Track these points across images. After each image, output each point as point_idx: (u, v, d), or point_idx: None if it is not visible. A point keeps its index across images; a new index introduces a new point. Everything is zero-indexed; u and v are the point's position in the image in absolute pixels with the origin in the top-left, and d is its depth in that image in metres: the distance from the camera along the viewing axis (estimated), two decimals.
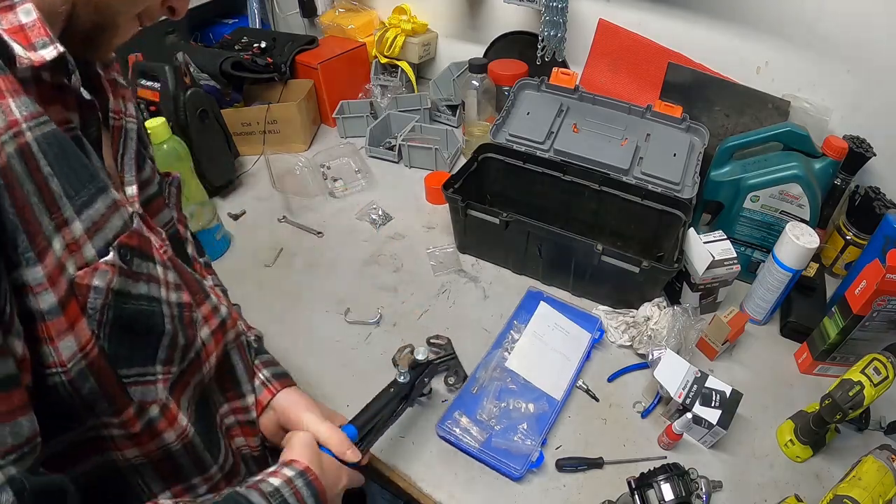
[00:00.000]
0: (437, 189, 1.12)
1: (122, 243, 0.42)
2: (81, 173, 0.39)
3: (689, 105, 1.06)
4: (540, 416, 0.78)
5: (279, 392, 0.64)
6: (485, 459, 0.73)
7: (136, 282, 0.43)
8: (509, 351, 0.85)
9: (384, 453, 0.76)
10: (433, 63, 1.56)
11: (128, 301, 0.42)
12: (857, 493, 0.62)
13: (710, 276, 0.88)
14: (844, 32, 0.93)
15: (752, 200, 0.93)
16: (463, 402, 0.77)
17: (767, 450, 0.77)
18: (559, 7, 1.12)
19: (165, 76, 1.09)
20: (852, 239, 0.96)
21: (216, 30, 1.61)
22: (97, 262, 0.39)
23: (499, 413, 0.77)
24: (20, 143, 0.35)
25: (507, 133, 1.10)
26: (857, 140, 0.94)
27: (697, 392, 0.76)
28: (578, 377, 0.84)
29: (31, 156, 0.35)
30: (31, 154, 0.35)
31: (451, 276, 1.03)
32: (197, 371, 0.54)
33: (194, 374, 0.54)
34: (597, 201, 1.04)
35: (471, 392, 0.78)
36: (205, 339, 0.54)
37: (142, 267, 0.44)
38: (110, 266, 0.40)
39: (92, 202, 0.40)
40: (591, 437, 0.78)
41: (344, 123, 1.39)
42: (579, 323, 0.91)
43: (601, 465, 0.74)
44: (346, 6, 1.50)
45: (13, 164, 0.34)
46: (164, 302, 0.47)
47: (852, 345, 0.81)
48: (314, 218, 1.17)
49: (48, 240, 0.36)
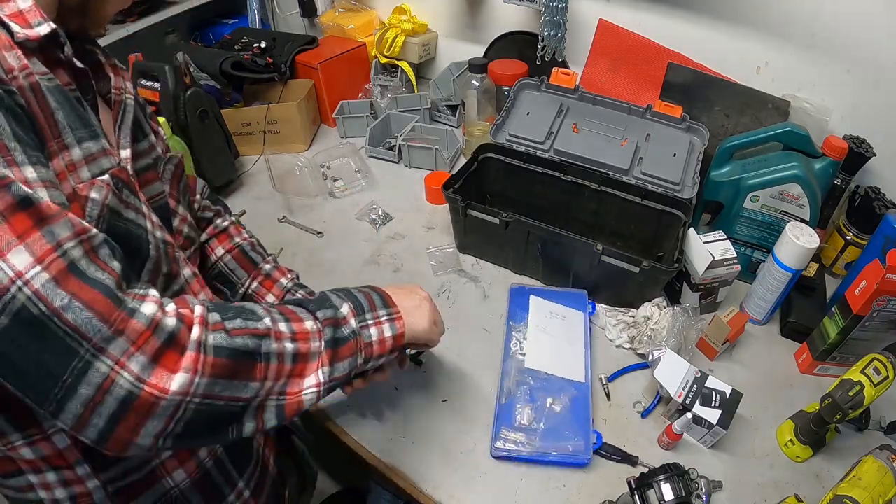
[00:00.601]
0: (437, 189, 1.12)
1: (114, 174, 0.48)
2: (80, 118, 0.46)
3: (689, 105, 1.06)
4: (574, 401, 0.79)
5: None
6: (547, 460, 0.73)
7: (126, 207, 0.49)
8: (523, 352, 0.85)
9: (384, 453, 0.76)
10: (433, 63, 1.56)
11: (119, 219, 0.48)
12: (857, 493, 0.62)
13: (710, 276, 0.88)
14: (844, 32, 0.93)
15: (752, 200, 0.93)
16: (501, 418, 0.77)
17: (767, 450, 0.77)
18: (559, 7, 1.12)
19: (165, 76, 1.09)
20: (852, 239, 0.96)
21: (216, 30, 1.61)
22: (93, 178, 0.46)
23: (536, 413, 0.78)
24: (32, 81, 0.43)
25: (507, 133, 1.10)
26: (857, 140, 0.94)
27: (697, 392, 0.76)
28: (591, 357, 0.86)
29: (41, 91, 0.43)
30: (40, 89, 0.43)
31: (451, 276, 1.03)
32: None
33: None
34: (597, 201, 1.04)
35: (502, 404, 0.79)
36: (187, 277, 0.60)
37: (130, 198, 0.50)
38: (105, 184, 0.46)
39: (89, 138, 0.47)
40: None
41: (344, 123, 1.39)
42: (570, 304, 0.93)
43: (635, 464, 0.74)
44: (346, 6, 1.50)
45: (27, 93, 0.42)
46: (150, 232, 0.52)
47: (852, 345, 0.81)
48: (314, 218, 1.17)
49: (56, 148, 0.44)
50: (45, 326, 0.37)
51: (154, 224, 0.53)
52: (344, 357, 0.54)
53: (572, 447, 0.74)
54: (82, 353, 0.38)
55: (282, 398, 0.49)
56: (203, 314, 0.45)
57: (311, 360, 0.51)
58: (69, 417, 0.39)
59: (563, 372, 0.83)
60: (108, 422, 0.39)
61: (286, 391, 0.50)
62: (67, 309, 0.37)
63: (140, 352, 0.40)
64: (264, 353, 0.47)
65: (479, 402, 0.81)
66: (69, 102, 0.46)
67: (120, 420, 0.40)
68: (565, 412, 0.78)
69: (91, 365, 0.38)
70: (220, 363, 0.43)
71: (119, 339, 0.39)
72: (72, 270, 0.38)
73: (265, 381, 0.47)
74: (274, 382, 0.48)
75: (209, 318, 0.45)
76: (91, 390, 0.38)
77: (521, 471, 0.74)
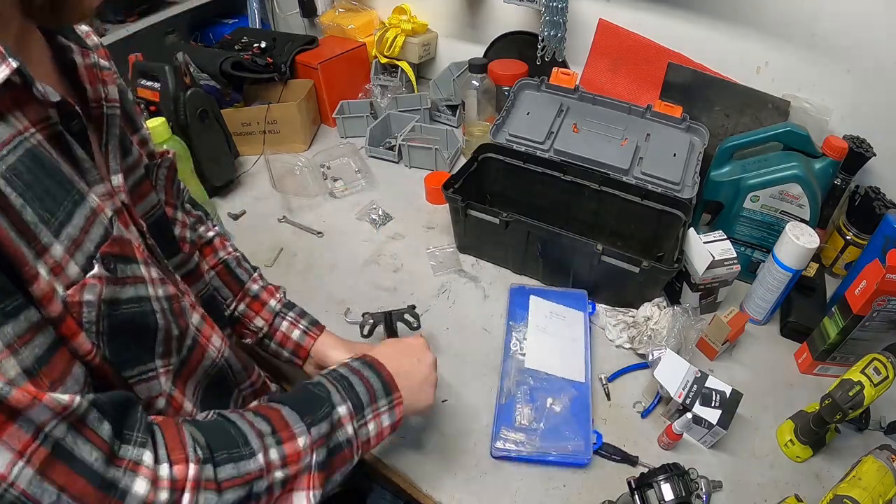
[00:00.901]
0: (437, 189, 1.12)
1: (105, 253, 0.42)
2: (56, 191, 0.40)
3: (689, 105, 1.06)
4: (574, 401, 0.79)
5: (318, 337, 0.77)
6: (547, 460, 0.73)
7: (123, 286, 0.44)
8: (523, 352, 0.85)
9: (384, 453, 0.76)
10: (433, 63, 1.56)
11: (119, 307, 0.44)
12: (857, 493, 0.62)
13: (710, 276, 0.88)
14: (844, 32, 0.93)
15: (752, 200, 0.93)
16: (501, 418, 0.77)
17: (767, 450, 0.77)
18: (559, 7, 1.12)
19: (165, 76, 1.09)
20: (852, 239, 0.96)
21: (216, 30, 1.61)
22: (84, 277, 0.40)
23: (536, 413, 0.78)
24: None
25: (507, 133, 1.10)
26: (857, 140, 0.94)
27: (697, 392, 0.76)
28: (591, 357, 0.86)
29: (1, 194, 0.35)
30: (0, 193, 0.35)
31: (451, 276, 1.03)
32: (201, 356, 0.56)
33: (200, 361, 0.56)
34: (597, 201, 1.04)
35: (502, 404, 0.79)
36: (196, 324, 0.56)
37: (126, 271, 0.45)
38: (97, 279, 0.41)
39: (69, 219, 0.40)
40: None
41: (344, 123, 1.39)
42: (570, 304, 0.93)
43: (635, 464, 0.74)
44: (346, 6, 1.50)
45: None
46: (154, 299, 0.48)
47: (852, 345, 0.81)
48: (314, 218, 1.17)
49: (35, 268, 0.37)
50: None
51: (155, 282, 0.49)
52: (337, 468, 0.54)
53: (572, 447, 0.74)
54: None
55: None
56: (196, 476, 0.43)
57: (301, 475, 0.50)
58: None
59: (563, 372, 0.83)
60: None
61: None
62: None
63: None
64: (255, 494, 0.46)
65: (479, 402, 0.81)
66: (37, 178, 0.38)
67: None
68: (565, 412, 0.78)
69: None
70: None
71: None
72: (56, 454, 0.36)
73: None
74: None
75: (202, 476, 0.44)
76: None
77: (521, 471, 0.73)
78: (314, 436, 0.51)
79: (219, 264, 0.76)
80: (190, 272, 0.65)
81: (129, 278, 0.45)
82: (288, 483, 0.49)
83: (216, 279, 0.75)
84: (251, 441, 0.48)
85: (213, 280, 0.74)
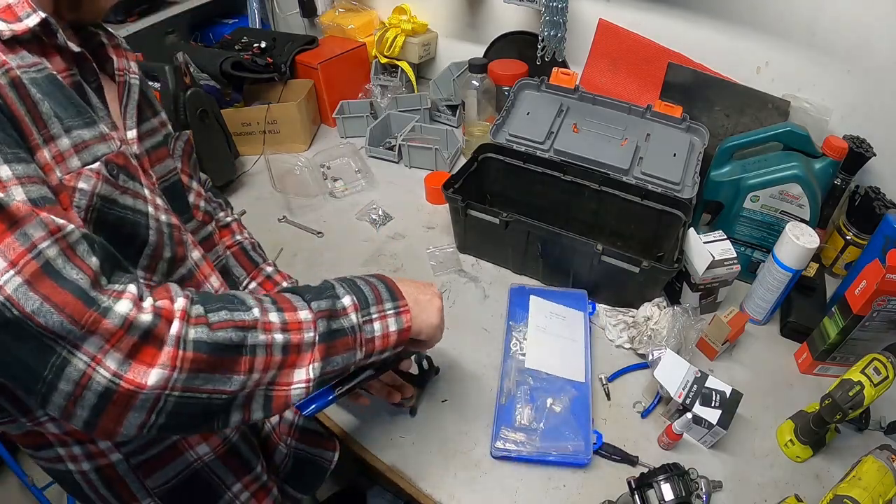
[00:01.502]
0: (437, 189, 1.12)
1: (110, 160, 0.48)
2: (73, 106, 0.46)
3: (689, 105, 1.06)
4: (574, 401, 0.79)
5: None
6: (547, 460, 0.74)
7: (122, 193, 0.49)
8: (523, 352, 0.85)
9: (385, 453, 0.76)
10: (433, 63, 1.56)
11: (113, 207, 0.48)
12: (857, 493, 0.62)
13: (710, 276, 0.88)
14: (844, 32, 0.93)
15: (752, 200, 0.93)
16: (501, 418, 0.77)
17: (767, 450, 0.77)
18: (559, 7, 1.12)
19: (165, 76, 1.09)
20: (852, 239, 0.96)
21: (216, 30, 1.61)
22: (82, 168, 0.45)
23: (536, 413, 0.78)
24: (12, 76, 0.42)
25: (507, 133, 1.10)
26: (857, 140, 0.94)
27: (697, 392, 0.76)
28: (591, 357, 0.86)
29: (22, 85, 0.42)
30: (21, 83, 0.42)
31: (451, 276, 1.03)
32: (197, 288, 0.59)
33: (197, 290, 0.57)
34: (597, 201, 1.04)
35: (502, 404, 0.79)
36: (196, 260, 0.60)
37: (128, 183, 0.50)
38: (94, 173, 0.46)
39: (80, 128, 0.46)
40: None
41: (344, 123, 1.39)
42: (570, 304, 0.93)
43: (635, 464, 0.74)
44: (346, 6, 1.50)
45: (4, 90, 0.41)
46: (152, 217, 0.52)
47: (852, 345, 0.81)
48: (314, 218, 1.17)
49: (39, 144, 0.43)
50: (21, 328, 0.38)
51: (158, 207, 0.53)
52: (339, 352, 0.53)
53: (572, 447, 0.74)
54: (59, 350, 0.39)
55: (270, 389, 0.49)
56: (185, 307, 0.44)
57: (304, 351, 0.50)
58: (55, 409, 0.40)
59: (563, 372, 0.83)
60: (91, 413, 0.41)
61: (276, 382, 0.49)
62: (39, 313, 0.38)
63: (115, 349, 0.40)
64: (250, 346, 0.46)
65: (479, 402, 0.81)
66: (60, 90, 0.45)
67: (102, 412, 0.41)
68: (565, 412, 0.78)
69: (69, 362, 0.39)
70: (201, 358, 0.43)
71: (92, 337, 0.39)
72: (46, 271, 0.39)
73: (252, 374, 0.47)
74: (262, 374, 0.48)
75: (192, 311, 0.45)
76: (70, 386, 0.39)
77: (521, 471, 0.74)
78: (315, 309, 0.52)
79: (235, 245, 0.79)
80: (203, 239, 0.69)
81: (129, 190, 0.50)
82: (289, 352, 0.49)
83: (231, 258, 0.78)
84: (248, 301, 0.49)
85: (229, 259, 0.77)
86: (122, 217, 0.49)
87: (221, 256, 0.75)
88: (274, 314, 0.49)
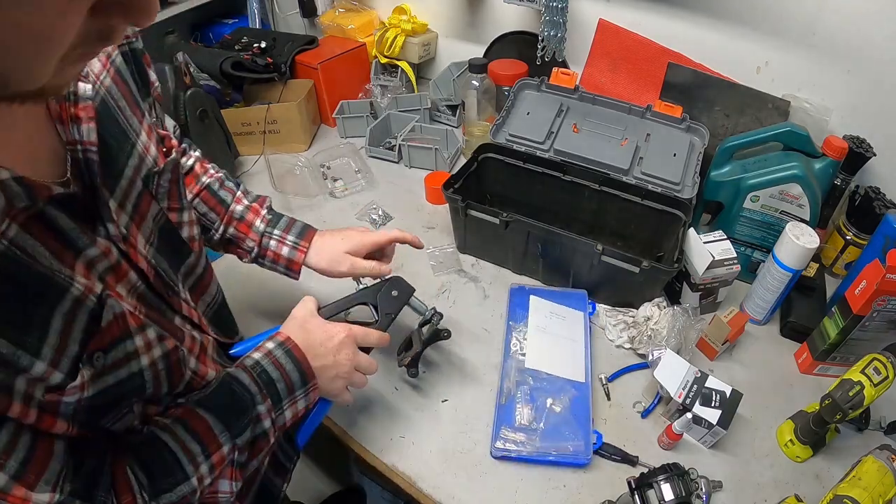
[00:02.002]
0: (437, 189, 1.12)
1: (93, 351, 0.41)
2: (29, 301, 0.37)
3: (689, 105, 1.06)
4: (574, 401, 0.79)
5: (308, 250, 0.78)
6: (547, 460, 0.73)
7: (114, 370, 0.44)
8: (523, 352, 0.85)
9: (384, 453, 0.76)
10: (433, 63, 1.56)
11: (104, 391, 0.44)
12: (857, 493, 0.62)
13: (710, 276, 0.88)
14: (844, 32, 0.93)
15: (752, 200, 0.93)
16: (501, 418, 0.77)
17: (767, 450, 0.77)
18: (559, 7, 1.12)
19: (165, 76, 1.09)
20: (852, 239, 0.96)
21: (216, 30, 1.61)
22: (64, 389, 0.40)
23: (536, 413, 0.78)
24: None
25: (507, 133, 1.10)
26: (857, 140, 0.94)
27: (697, 392, 0.76)
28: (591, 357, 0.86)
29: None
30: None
31: (451, 276, 1.03)
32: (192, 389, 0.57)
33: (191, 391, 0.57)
34: (597, 201, 1.04)
35: (502, 404, 0.79)
36: (194, 368, 0.57)
37: (119, 353, 0.44)
38: (77, 387, 0.40)
39: (47, 330, 0.38)
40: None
41: (344, 123, 1.39)
42: (570, 304, 0.93)
43: (635, 464, 0.74)
44: (346, 6, 1.50)
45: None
46: (146, 368, 0.48)
47: (852, 345, 0.81)
48: (314, 218, 1.17)
49: (10, 387, 0.37)
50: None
51: (151, 346, 0.48)
52: (255, 458, 0.58)
53: (572, 447, 0.74)
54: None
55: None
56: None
57: (225, 469, 0.55)
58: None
59: (563, 372, 0.83)
60: None
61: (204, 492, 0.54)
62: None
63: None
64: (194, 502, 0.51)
65: (479, 402, 0.81)
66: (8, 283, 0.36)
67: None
68: (565, 412, 0.78)
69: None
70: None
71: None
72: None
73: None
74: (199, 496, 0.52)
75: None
76: None
77: (521, 471, 0.74)
78: (239, 444, 0.55)
79: (202, 190, 0.77)
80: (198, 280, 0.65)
81: (121, 360, 0.45)
82: (215, 479, 0.54)
83: (201, 205, 0.76)
84: (185, 466, 0.51)
85: (199, 206, 0.76)
86: (116, 390, 0.45)
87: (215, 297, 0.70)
88: (204, 466, 0.52)
